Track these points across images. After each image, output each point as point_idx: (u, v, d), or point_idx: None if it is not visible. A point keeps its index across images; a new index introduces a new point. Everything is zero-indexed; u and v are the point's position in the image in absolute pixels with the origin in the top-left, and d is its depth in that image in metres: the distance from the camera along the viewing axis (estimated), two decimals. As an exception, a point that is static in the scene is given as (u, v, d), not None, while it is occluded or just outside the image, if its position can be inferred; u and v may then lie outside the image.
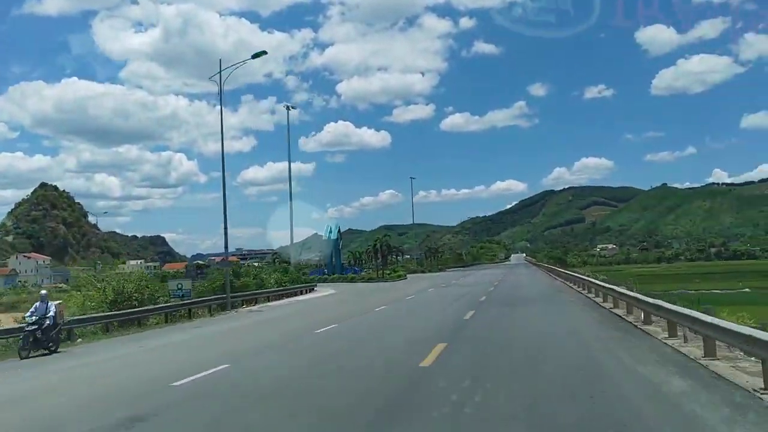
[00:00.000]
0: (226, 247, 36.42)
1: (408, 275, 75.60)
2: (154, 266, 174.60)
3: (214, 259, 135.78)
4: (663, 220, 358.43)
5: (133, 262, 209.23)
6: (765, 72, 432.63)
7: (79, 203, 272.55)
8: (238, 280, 40.65)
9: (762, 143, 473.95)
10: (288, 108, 61.12)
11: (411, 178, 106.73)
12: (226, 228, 35.88)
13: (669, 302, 16.21)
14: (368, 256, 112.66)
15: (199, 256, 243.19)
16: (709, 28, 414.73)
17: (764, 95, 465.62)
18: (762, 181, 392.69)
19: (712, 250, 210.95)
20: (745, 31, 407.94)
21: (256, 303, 38.09)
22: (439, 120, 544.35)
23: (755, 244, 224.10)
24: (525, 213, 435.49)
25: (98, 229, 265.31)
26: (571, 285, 42.04)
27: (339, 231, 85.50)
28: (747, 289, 79.38)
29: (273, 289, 43.01)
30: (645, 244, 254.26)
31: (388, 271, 71.10)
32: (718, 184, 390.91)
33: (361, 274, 74.67)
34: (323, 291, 51.61)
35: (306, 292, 48.65)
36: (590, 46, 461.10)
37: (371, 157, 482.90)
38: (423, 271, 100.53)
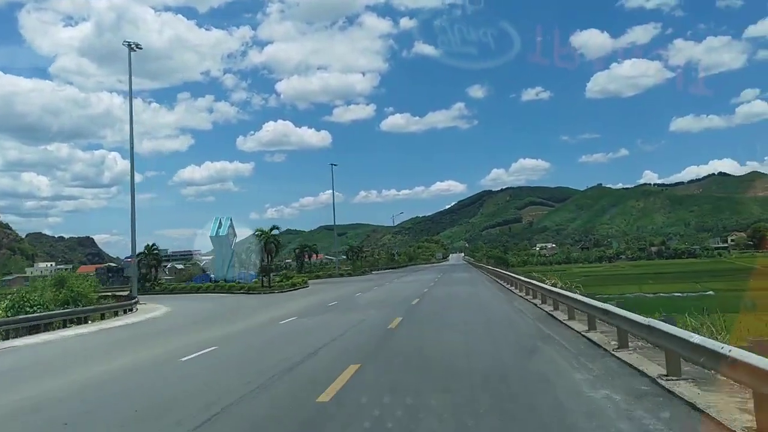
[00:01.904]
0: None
1: (326, 280, 57.56)
2: (66, 269, 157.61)
3: (129, 261, 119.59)
4: (599, 219, 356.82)
5: (43, 265, 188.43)
6: (693, 77, 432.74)
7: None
8: None
9: (689, 146, 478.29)
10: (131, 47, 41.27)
11: (332, 164, 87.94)
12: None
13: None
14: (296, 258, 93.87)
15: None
16: (641, 33, 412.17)
17: (692, 99, 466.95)
18: (691, 181, 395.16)
19: (653, 249, 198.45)
20: (675, 37, 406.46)
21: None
22: (379, 120, 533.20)
23: (692, 243, 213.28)
24: (464, 213, 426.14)
25: (9, 229, 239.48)
26: (519, 293, 30.75)
27: (232, 226, 65.99)
28: (711, 292, 66.15)
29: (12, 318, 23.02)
30: (584, 243, 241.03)
31: (280, 278, 52.29)
32: (650, 184, 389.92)
33: (251, 281, 55.62)
34: (149, 311, 32.20)
35: (113, 315, 29.01)
36: (527, 48, 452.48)
37: (312, 157, 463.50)
38: (342, 275, 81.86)
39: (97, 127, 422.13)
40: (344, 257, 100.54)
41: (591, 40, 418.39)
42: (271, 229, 49.22)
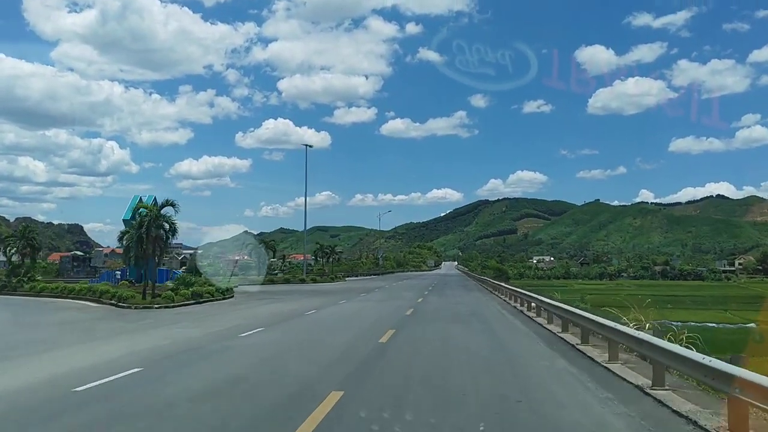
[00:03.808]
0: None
1: (267, 289, 39.39)
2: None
3: (101, 250, 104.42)
4: (595, 235, 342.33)
5: None
6: (695, 98, 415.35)
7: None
8: None
9: (688, 167, 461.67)
10: None
11: (306, 146, 69.68)
12: None
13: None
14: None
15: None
16: (646, 52, 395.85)
17: (693, 121, 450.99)
18: (689, 202, 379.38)
19: (657, 268, 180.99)
20: (680, 57, 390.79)
21: None
22: (380, 124, 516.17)
23: (697, 264, 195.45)
24: (458, 221, 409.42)
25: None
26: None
27: (156, 204, 48.08)
28: (752, 324, 53.52)
29: None
30: (584, 258, 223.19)
31: (167, 286, 32.24)
32: (647, 203, 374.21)
33: (166, 282, 38.14)
34: None
35: None
36: (534, 65, 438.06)
37: (310, 157, 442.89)
38: (304, 280, 64.04)
39: (96, 116, 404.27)
40: (314, 259, 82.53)
41: (596, 56, 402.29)
42: (164, 205, 30.79)
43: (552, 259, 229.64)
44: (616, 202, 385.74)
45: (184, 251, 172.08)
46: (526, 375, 10.34)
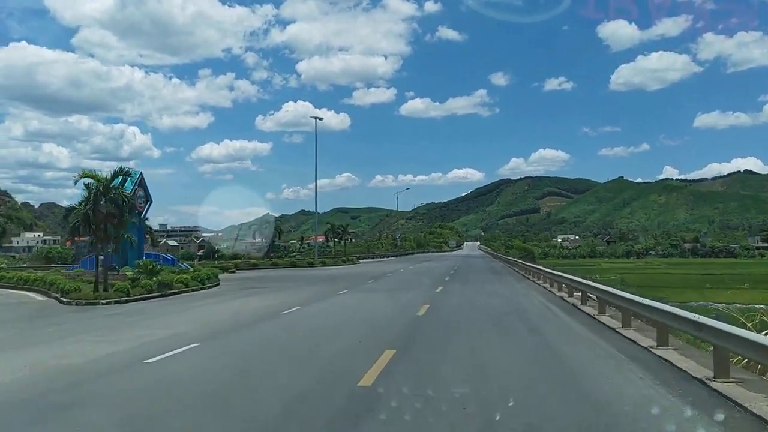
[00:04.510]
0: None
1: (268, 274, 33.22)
2: (54, 240, 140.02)
3: None
4: (618, 212, 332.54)
5: (30, 235, 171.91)
6: (721, 72, 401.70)
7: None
8: None
9: (713, 142, 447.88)
10: None
11: (315, 118, 62.51)
12: None
13: None
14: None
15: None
16: (670, 26, 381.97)
17: (719, 95, 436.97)
18: (715, 178, 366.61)
19: (686, 245, 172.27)
20: (705, 30, 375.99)
21: None
22: (399, 104, 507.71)
23: (728, 241, 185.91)
24: (480, 201, 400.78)
25: (8, 197, 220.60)
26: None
27: (142, 181, 42.27)
28: None
29: None
30: (610, 236, 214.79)
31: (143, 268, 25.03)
32: (672, 179, 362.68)
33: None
34: None
35: None
36: (552, 37, 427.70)
37: (330, 139, 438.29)
38: (312, 263, 57.86)
39: (117, 101, 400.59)
40: (325, 240, 76.10)
41: (618, 31, 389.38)
42: (116, 173, 23.85)
43: (577, 237, 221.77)
44: (639, 179, 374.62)
45: (204, 234, 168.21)
46: None
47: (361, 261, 67.49)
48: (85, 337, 13.30)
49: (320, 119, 62.20)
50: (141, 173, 43.01)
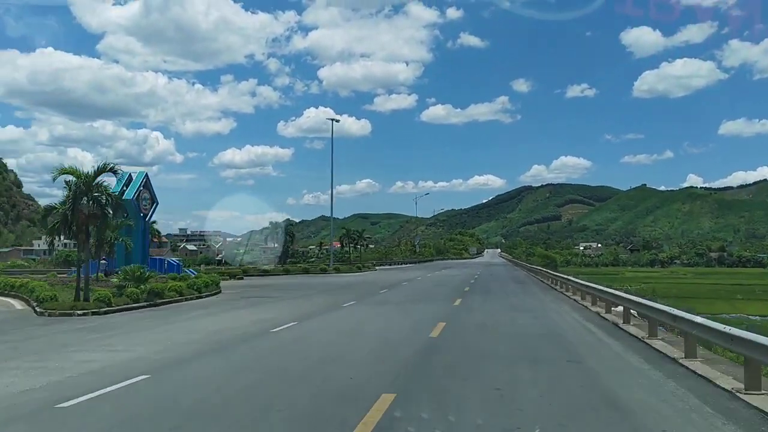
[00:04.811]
0: None
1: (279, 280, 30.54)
2: (74, 243, 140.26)
3: None
4: (641, 221, 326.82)
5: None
6: (747, 79, 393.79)
7: (12, 171, 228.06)
8: None
9: (739, 150, 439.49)
10: None
11: (332, 119, 59.47)
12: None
13: None
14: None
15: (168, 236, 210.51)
16: (695, 32, 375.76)
17: (745, 102, 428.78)
18: (741, 186, 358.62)
19: (713, 254, 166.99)
20: (731, 37, 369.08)
21: None
22: (420, 111, 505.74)
23: (756, 250, 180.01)
24: (501, 208, 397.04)
25: (32, 200, 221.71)
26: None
27: (147, 182, 40.19)
28: None
29: None
30: (633, 244, 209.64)
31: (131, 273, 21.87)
32: (696, 187, 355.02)
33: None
34: None
35: None
36: (575, 44, 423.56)
37: (351, 146, 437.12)
38: (325, 270, 55.31)
39: (141, 107, 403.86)
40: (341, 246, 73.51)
41: (642, 37, 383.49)
42: (101, 170, 20.00)
43: (599, 245, 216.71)
44: (663, 187, 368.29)
45: (223, 239, 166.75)
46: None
47: (377, 268, 64.69)
48: (19, 362, 10.71)
49: (337, 121, 60.12)
50: (146, 174, 40.89)
